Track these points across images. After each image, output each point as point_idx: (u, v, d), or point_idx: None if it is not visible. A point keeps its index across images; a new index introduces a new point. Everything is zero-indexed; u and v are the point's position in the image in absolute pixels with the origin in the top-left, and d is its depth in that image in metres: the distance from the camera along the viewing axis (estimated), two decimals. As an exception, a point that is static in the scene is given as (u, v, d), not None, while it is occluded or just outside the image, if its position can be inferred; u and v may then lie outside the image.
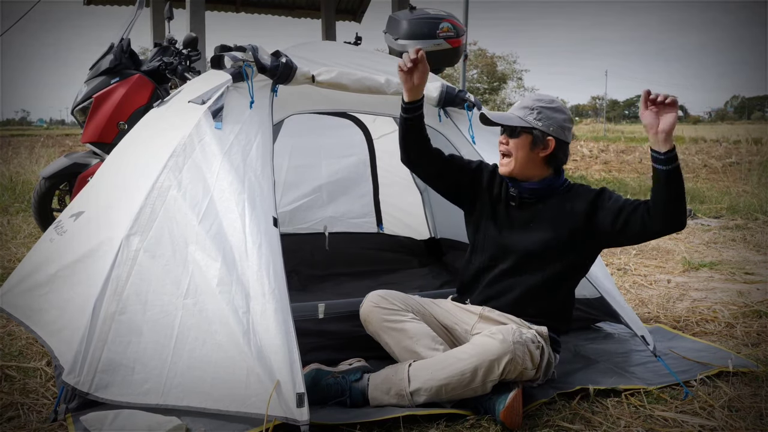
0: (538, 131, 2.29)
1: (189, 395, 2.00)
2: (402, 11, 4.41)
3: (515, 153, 2.32)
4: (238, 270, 2.09)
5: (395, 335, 2.35)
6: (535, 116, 2.29)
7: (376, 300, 2.41)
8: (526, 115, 2.30)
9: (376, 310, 2.39)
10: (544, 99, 2.35)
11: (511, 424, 2.08)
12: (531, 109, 2.31)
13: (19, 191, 7.28)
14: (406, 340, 2.32)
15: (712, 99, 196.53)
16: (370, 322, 2.41)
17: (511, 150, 2.33)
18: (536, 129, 2.29)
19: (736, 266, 4.55)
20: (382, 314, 2.38)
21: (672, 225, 2.18)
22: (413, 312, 2.40)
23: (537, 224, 2.34)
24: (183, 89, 2.97)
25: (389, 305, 2.39)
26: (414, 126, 2.41)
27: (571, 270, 2.36)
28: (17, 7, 10.22)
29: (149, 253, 2.15)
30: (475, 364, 2.11)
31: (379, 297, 2.41)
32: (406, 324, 2.35)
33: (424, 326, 2.36)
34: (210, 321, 2.04)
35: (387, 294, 2.43)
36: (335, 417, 2.11)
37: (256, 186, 2.24)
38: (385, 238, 4.12)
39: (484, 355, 2.11)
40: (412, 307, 2.42)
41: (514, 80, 32.64)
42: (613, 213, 2.25)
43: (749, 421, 2.16)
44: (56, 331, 2.27)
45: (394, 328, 2.35)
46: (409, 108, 2.38)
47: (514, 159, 2.33)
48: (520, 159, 2.32)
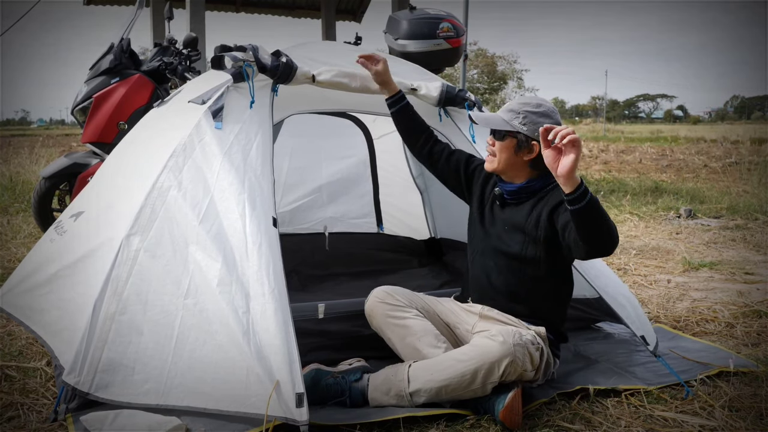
0: (523, 136, 2.29)
1: (189, 395, 2.00)
2: (402, 11, 4.41)
3: (499, 155, 2.34)
4: (238, 270, 2.09)
5: (398, 331, 2.35)
6: (520, 120, 2.28)
7: (381, 296, 2.41)
8: (511, 119, 2.29)
9: (381, 305, 2.39)
10: (530, 103, 2.32)
11: (511, 424, 2.08)
12: (517, 113, 2.29)
13: (19, 191, 7.28)
14: (409, 337, 2.33)
15: (712, 99, 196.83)
16: (374, 317, 2.41)
17: (495, 151, 2.35)
18: (520, 133, 2.29)
19: (736, 266, 4.54)
20: (386, 310, 2.38)
21: (596, 254, 2.11)
22: (418, 309, 2.41)
23: (515, 226, 2.35)
24: (183, 89, 2.97)
25: (394, 301, 2.39)
26: (402, 119, 2.63)
27: (552, 271, 2.33)
28: (17, 7, 10.23)
29: (149, 253, 2.15)
30: (476, 366, 2.11)
31: (385, 293, 2.42)
32: (410, 320, 2.35)
33: (428, 323, 2.36)
34: (210, 321, 2.04)
35: (392, 290, 2.44)
36: (335, 417, 2.11)
37: (256, 186, 2.24)
38: (385, 238, 4.12)
39: (485, 357, 2.11)
40: (417, 304, 2.42)
41: (514, 80, 32.61)
42: (562, 226, 2.19)
43: (749, 421, 2.16)
44: (57, 332, 2.27)
45: (397, 324, 2.36)
46: (390, 103, 2.63)
47: (498, 160, 2.35)
48: (503, 161, 2.34)
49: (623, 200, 7.74)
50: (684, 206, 7.08)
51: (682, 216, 6.67)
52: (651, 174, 11.22)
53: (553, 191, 2.29)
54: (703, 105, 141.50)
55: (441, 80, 2.90)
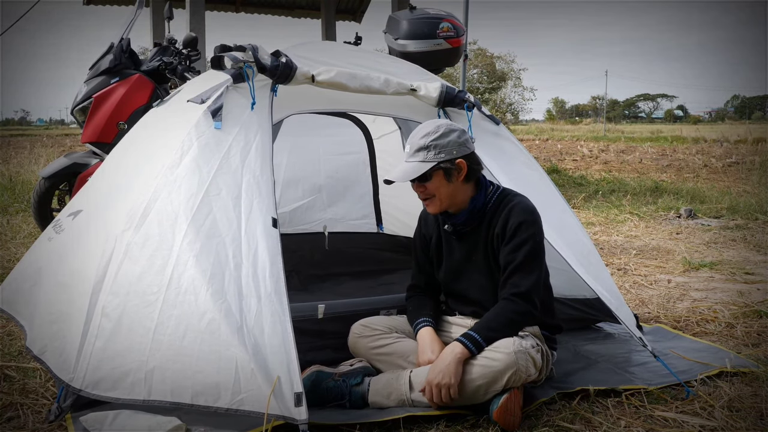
0: (446, 163, 2.26)
1: (173, 389, 1.97)
2: (402, 11, 4.41)
3: (437, 194, 2.30)
4: (231, 269, 2.07)
5: (384, 359, 2.37)
6: (434, 153, 2.25)
7: (359, 330, 2.44)
8: (425, 158, 2.26)
9: (361, 340, 2.42)
10: (430, 132, 2.27)
11: (505, 424, 2.08)
12: (426, 149, 2.26)
13: (18, 191, 7.28)
14: (398, 360, 2.35)
15: (712, 99, 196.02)
16: (358, 353, 2.44)
17: (431, 192, 2.30)
18: (442, 162, 2.25)
19: (737, 266, 4.54)
20: (367, 342, 2.40)
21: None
22: (398, 332, 2.42)
23: (476, 255, 2.36)
24: (183, 89, 2.97)
25: (371, 332, 2.41)
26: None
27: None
28: (17, 7, 10.23)
29: (139, 249, 2.13)
30: (479, 383, 2.11)
31: (361, 326, 2.45)
32: (394, 345, 2.38)
33: (412, 342, 2.37)
34: (204, 319, 2.01)
35: (368, 321, 2.46)
36: (335, 417, 2.11)
37: (254, 186, 2.24)
38: (385, 238, 4.12)
39: (487, 373, 2.10)
40: (397, 328, 2.44)
41: (512, 79, 32.62)
42: (503, 262, 2.27)
43: (749, 422, 2.16)
44: (54, 332, 2.26)
45: (382, 353, 2.38)
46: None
47: (438, 199, 2.30)
48: (444, 195, 2.30)
49: (623, 200, 7.73)
50: (684, 206, 7.08)
51: (682, 216, 6.67)
52: (651, 174, 11.22)
53: (502, 206, 2.31)
54: (703, 105, 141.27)
55: (441, 81, 2.90)
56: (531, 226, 2.25)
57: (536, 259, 2.25)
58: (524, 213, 2.27)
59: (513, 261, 2.22)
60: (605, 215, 6.76)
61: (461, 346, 2.12)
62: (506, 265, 2.24)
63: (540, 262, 2.28)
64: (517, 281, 2.21)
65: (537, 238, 2.26)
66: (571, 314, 3.01)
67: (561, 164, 12.91)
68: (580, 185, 9.28)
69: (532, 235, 2.24)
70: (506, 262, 2.24)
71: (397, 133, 3.95)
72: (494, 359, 2.11)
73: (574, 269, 2.54)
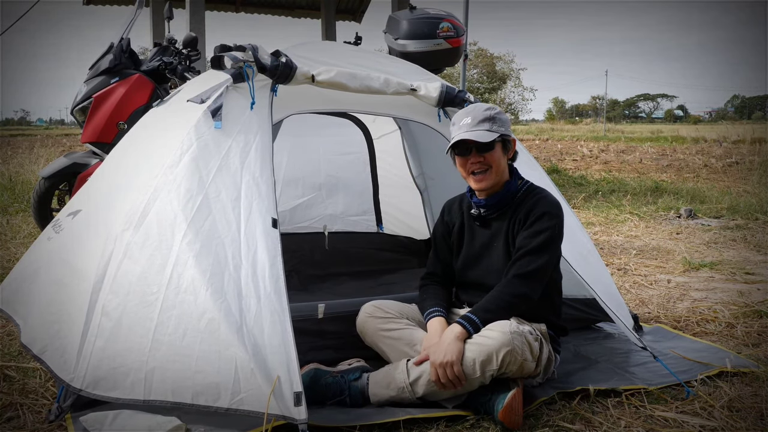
0: (506, 136, 2.38)
1: (173, 389, 1.97)
2: (402, 11, 4.41)
3: (494, 165, 2.36)
4: (230, 269, 2.07)
5: (391, 343, 2.38)
6: (498, 125, 2.36)
7: (371, 310, 2.45)
8: (491, 128, 2.34)
9: (371, 320, 2.43)
10: (492, 107, 2.42)
11: (510, 424, 2.08)
12: (491, 121, 2.35)
13: (18, 191, 7.28)
14: (403, 347, 2.35)
15: (712, 99, 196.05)
16: (366, 333, 2.44)
17: (489, 163, 2.36)
18: (504, 135, 2.37)
19: (737, 266, 4.54)
20: (376, 323, 2.41)
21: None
22: (408, 319, 2.44)
23: (497, 241, 2.40)
24: (183, 89, 2.97)
25: (383, 314, 2.43)
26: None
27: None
28: (17, 7, 10.23)
29: (139, 249, 2.13)
30: (473, 356, 2.12)
31: (374, 307, 2.46)
32: (402, 331, 2.38)
33: (420, 332, 2.37)
34: (204, 319, 2.01)
35: (381, 304, 2.47)
36: (335, 418, 2.11)
37: (254, 187, 2.23)
38: (385, 238, 4.12)
39: (482, 348, 2.12)
40: (408, 315, 2.46)
41: (512, 79, 32.64)
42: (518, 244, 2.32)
43: (750, 422, 2.16)
44: (55, 332, 2.26)
45: (389, 336, 2.38)
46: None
47: (494, 171, 2.36)
48: (498, 168, 2.37)
49: (623, 200, 7.73)
50: (684, 206, 7.08)
51: (682, 216, 6.67)
52: (651, 174, 11.21)
53: (529, 196, 2.39)
54: (703, 105, 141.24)
55: (441, 81, 2.90)
56: (553, 218, 2.33)
57: (549, 248, 2.31)
58: (550, 205, 2.36)
59: (527, 245, 2.29)
60: (605, 215, 6.76)
61: (459, 327, 2.18)
62: (519, 248, 2.31)
63: (551, 252, 2.33)
64: (524, 263, 2.27)
65: (556, 231, 2.33)
66: (571, 314, 3.01)
67: (561, 164, 12.91)
68: (580, 185, 9.28)
69: (553, 226, 2.32)
70: (520, 245, 2.31)
71: (397, 133, 3.95)
72: (489, 337, 2.15)
73: (574, 269, 2.54)
